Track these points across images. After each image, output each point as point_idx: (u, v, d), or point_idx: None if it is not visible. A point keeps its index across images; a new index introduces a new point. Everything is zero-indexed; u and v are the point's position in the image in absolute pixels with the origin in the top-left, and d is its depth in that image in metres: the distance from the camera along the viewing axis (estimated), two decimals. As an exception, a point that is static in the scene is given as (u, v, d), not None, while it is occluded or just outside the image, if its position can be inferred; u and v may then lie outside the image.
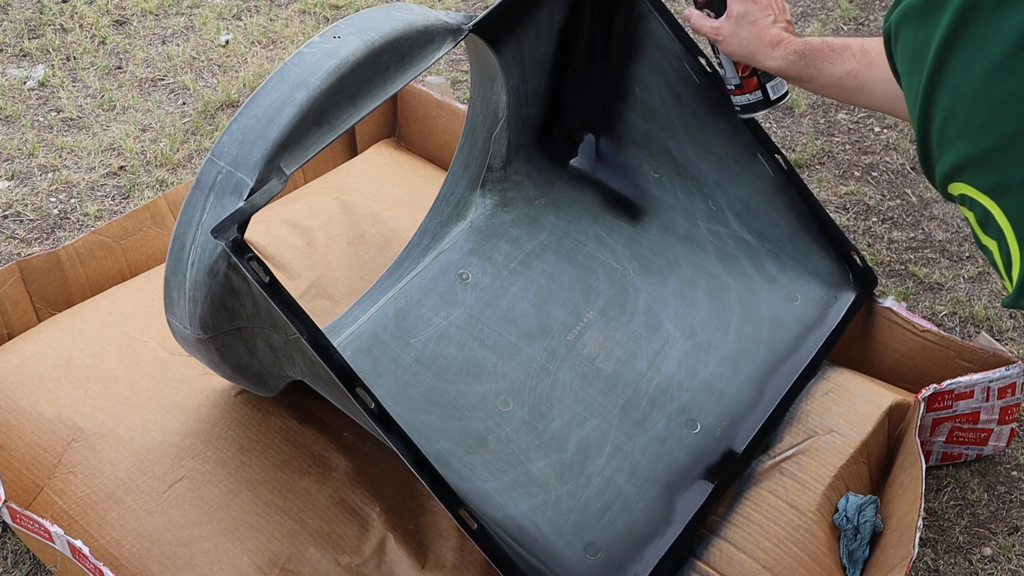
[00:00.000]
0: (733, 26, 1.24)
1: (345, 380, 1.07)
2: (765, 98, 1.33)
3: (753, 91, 1.34)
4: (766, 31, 1.20)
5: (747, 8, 1.22)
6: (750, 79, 1.34)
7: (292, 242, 1.69)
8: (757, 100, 1.33)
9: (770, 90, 1.33)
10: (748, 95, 1.34)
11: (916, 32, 0.75)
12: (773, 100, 1.33)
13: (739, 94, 1.36)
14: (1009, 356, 1.46)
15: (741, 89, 1.35)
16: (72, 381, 1.45)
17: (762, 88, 1.33)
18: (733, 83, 1.35)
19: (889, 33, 0.80)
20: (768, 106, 1.34)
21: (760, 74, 1.33)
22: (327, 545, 1.28)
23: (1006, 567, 1.45)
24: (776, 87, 1.34)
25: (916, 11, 0.75)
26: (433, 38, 1.26)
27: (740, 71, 1.34)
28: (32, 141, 2.25)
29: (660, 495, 1.33)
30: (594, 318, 1.52)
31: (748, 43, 1.21)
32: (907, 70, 0.78)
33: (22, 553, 1.46)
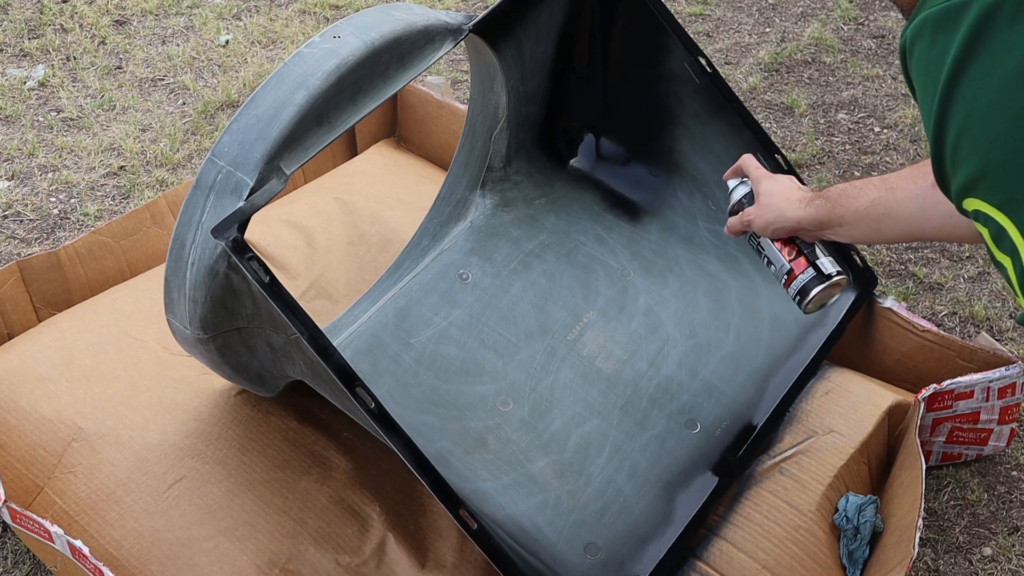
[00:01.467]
0: (761, 202, 1.27)
1: (345, 380, 1.07)
2: (819, 274, 1.28)
3: (804, 271, 1.29)
4: (791, 192, 1.24)
5: (771, 184, 1.26)
6: (798, 259, 1.29)
7: (292, 242, 1.69)
8: (811, 277, 1.27)
9: (821, 266, 1.28)
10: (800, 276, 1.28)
11: (932, 45, 0.75)
12: (827, 275, 1.27)
13: (792, 280, 1.30)
14: (1009, 356, 1.46)
15: (792, 274, 1.29)
16: (72, 381, 1.45)
17: (813, 265, 1.28)
18: (784, 272, 1.30)
19: (904, 47, 0.80)
20: (824, 281, 1.27)
21: (806, 253, 1.28)
22: (327, 545, 1.28)
23: (1006, 567, 1.45)
24: (827, 264, 1.29)
25: (932, 24, 0.75)
26: (433, 38, 1.26)
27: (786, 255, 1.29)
28: (32, 141, 2.25)
29: (660, 495, 1.33)
30: (594, 318, 1.52)
31: (776, 206, 1.23)
32: (922, 84, 0.77)
33: (22, 553, 1.46)
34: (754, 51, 2.64)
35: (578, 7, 1.50)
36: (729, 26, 2.76)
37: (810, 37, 2.68)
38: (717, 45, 2.67)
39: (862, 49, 2.63)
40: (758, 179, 1.27)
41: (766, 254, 1.32)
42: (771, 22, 2.78)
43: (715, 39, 2.70)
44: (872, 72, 2.52)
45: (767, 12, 2.82)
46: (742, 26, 2.76)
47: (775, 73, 2.55)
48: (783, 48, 2.64)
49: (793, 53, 2.61)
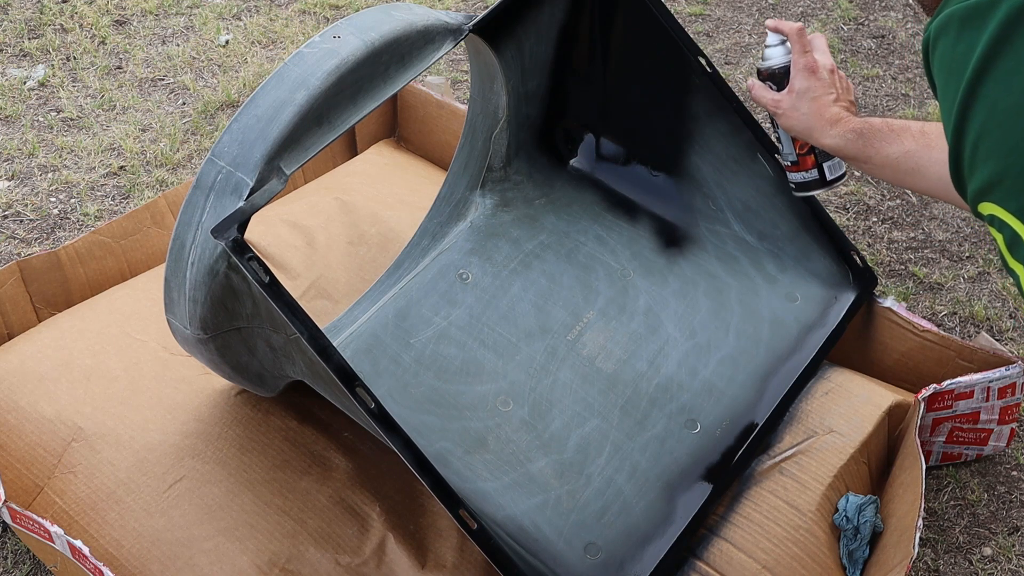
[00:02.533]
0: (794, 100, 1.21)
1: (345, 380, 1.07)
2: (821, 177, 1.28)
3: (809, 169, 1.28)
4: (826, 108, 1.18)
5: (809, 84, 1.20)
6: (807, 156, 1.29)
7: (292, 242, 1.69)
8: (812, 179, 1.28)
9: (827, 170, 1.28)
10: (804, 173, 1.28)
11: (956, 42, 0.73)
12: (829, 180, 1.28)
13: (795, 171, 1.31)
14: (1009, 356, 1.46)
15: (797, 166, 1.29)
16: (72, 381, 1.45)
17: (819, 167, 1.27)
18: (790, 159, 1.30)
19: (928, 42, 0.78)
20: (824, 186, 1.28)
21: (818, 152, 1.27)
22: (327, 545, 1.28)
23: (1006, 567, 1.45)
24: (833, 167, 1.29)
25: (958, 20, 0.73)
26: (433, 38, 1.26)
27: (797, 148, 1.28)
28: (32, 141, 2.25)
29: (660, 495, 1.33)
30: (594, 318, 1.52)
31: (807, 119, 1.18)
32: (943, 81, 0.76)
33: (22, 553, 1.46)
34: (754, 51, 2.64)
35: (578, 7, 1.50)
36: (729, 26, 2.76)
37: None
38: (717, 45, 2.68)
39: (862, 49, 2.63)
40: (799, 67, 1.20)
41: (779, 133, 1.31)
42: (771, 22, 2.78)
43: (715, 39, 2.70)
44: (872, 72, 2.52)
45: (767, 12, 2.82)
46: (742, 26, 2.76)
47: (775, 73, 2.54)
48: (783, 48, 2.63)
49: (793, 53, 2.61)
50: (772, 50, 1.30)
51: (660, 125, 1.59)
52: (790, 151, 1.30)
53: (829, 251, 1.55)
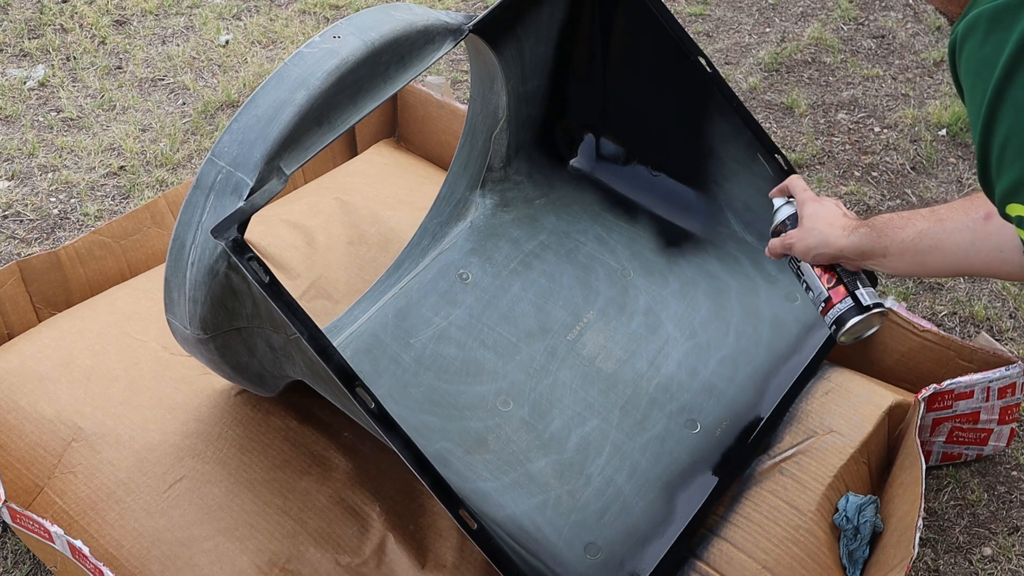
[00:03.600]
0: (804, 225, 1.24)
1: (345, 380, 1.07)
2: (856, 304, 1.25)
3: (843, 299, 1.27)
4: (836, 218, 1.21)
5: (815, 208, 1.23)
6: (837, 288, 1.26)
7: (292, 242, 1.69)
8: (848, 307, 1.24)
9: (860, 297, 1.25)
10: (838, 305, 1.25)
11: (984, 43, 0.73)
12: (865, 306, 1.25)
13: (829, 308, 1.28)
14: (1009, 356, 1.46)
15: (830, 302, 1.26)
16: (72, 381, 1.45)
17: (851, 295, 1.25)
18: (822, 299, 1.27)
19: (954, 44, 0.77)
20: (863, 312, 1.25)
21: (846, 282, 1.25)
22: (327, 545, 1.28)
23: (1006, 567, 1.45)
24: (867, 295, 1.26)
25: (986, 21, 0.72)
26: (433, 38, 1.26)
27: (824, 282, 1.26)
28: (32, 141, 2.25)
29: (660, 495, 1.33)
30: (594, 318, 1.52)
31: (820, 232, 1.20)
32: (971, 84, 0.75)
33: (22, 553, 1.46)
34: (754, 51, 2.64)
35: (578, 7, 1.50)
36: (729, 26, 2.76)
37: (810, 37, 2.68)
38: (717, 45, 2.67)
39: (862, 49, 2.63)
40: (803, 201, 1.24)
41: (805, 279, 1.30)
42: (771, 22, 2.78)
43: (715, 39, 2.70)
44: (872, 72, 2.52)
45: (767, 12, 2.82)
46: (742, 26, 2.76)
47: (775, 73, 2.55)
48: (783, 48, 2.64)
49: (793, 53, 2.61)
50: (779, 210, 1.33)
51: (660, 125, 1.59)
52: (820, 290, 1.28)
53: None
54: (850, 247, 1.18)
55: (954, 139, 2.28)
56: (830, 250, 1.21)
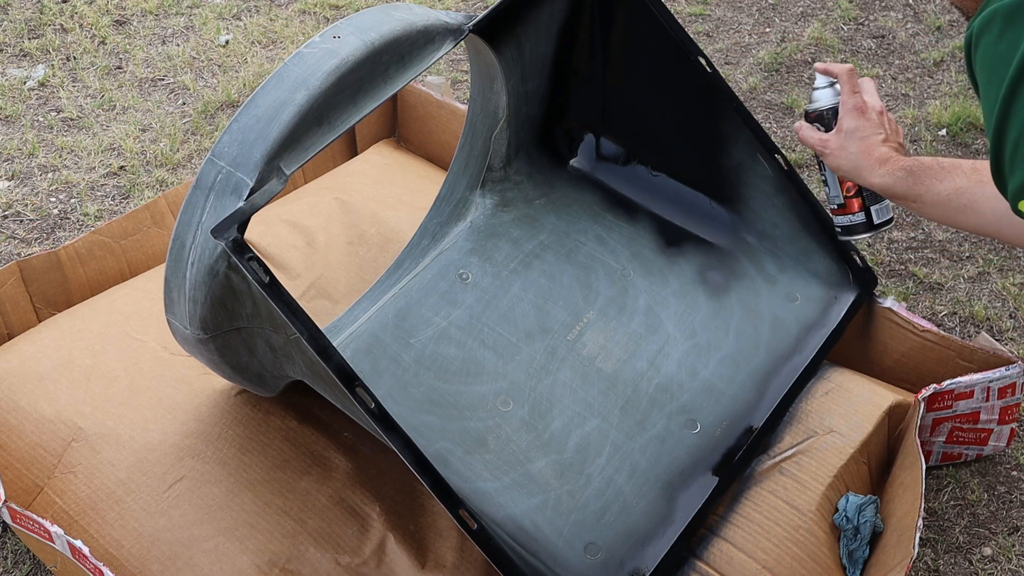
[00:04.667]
0: (842, 140, 1.19)
1: (345, 380, 1.07)
2: (868, 221, 1.26)
3: (856, 212, 1.25)
4: (875, 148, 1.16)
5: (858, 124, 1.18)
6: (853, 199, 1.27)
7: (292, 242, 1.69)
8: (859, 223, 1.26)
9: (874, 213, 1.26)
10: (850, 216, 1.27)
11: (1000, 38, 0.72)
12: (876, 224, 1.26)
13: (841, 214, 1.29)
14: (1009, 356, 1.46)
15: (844, 209, 1.28)
16: (72, 381, 1.45)
17: (866, 210, 1.26)
18: (836, 202, 1.28)
19: (970, 39, 0.77)
20: (871, 230, 1.27)
21: (865, 195, 1.25)
22: (327, 545, 1.28)
23: (1006, 567, 1.45)
24: (880, 211, 1.27)
25: (1002, 17, 0.72)
26: (433, 38, 1.26)
27: (844, 190, 1.27)
28: (32, 141, 2.25)
29: (660, 495, 1.33)
30: (594, 318, 1.52)
31: (855, 158, 1.17)
32: (986, 79, 0.75)
33: (22, 553, 1.46)
34: (754, 51, 2.64)
35: (578, 7, 1.50)
36: (729, 26, 2.76)
37: (810, 37, 2.68)
38: (717, 45, 2.68)
39: (862, 49, 2.63)
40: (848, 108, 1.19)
41: (825, 175, 1.28)
42: (771, 22, 2.78)
43: (715, 39, 2.70)
44: (872, 72, 2.52)
45: (767, 12, 2.82)
46: (742, 26, 2.76)
47: (775, 73, 2.55)
48: (783, 48, 2.64)
49: (793, 53, 2.61)
50: (820, 92, 1.29)
51: (660, 125, 1.59)
52: (836, 193, 1.27)
53: (829, 251, 1.55)
54: (881, 186, 1.15)
55: (954, 139, 2.28)
56: (860, 180, 1.18)
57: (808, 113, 1.30)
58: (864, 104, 1.21)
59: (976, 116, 2.29)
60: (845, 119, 1.20)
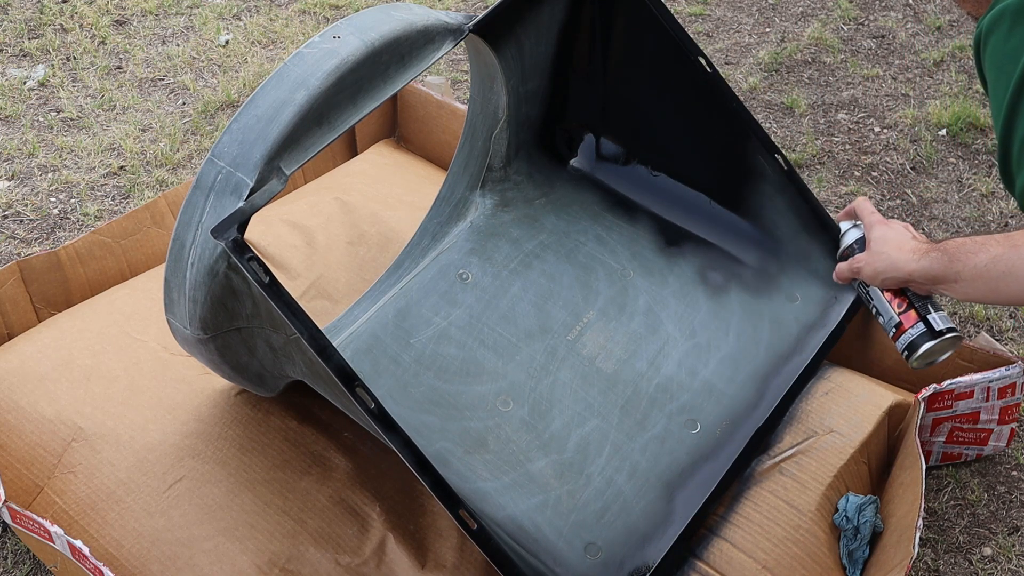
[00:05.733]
0: (872, 249, 1.22)
1: (345, 380, 1.07)
2: (929, 329, 1.23)
3: (914, 325, 1.24)
4: (905, 242, 1.18)
5: (883, 231, 1.21)
6: (908, 313, 1.25)
7: (292, 242, 1.69)
8: (920, 333, 1.23)
9: (932, 321, 1.24)
10: (910, 331, 1.25)
11: (1008, 36, 0.72)
12: (939, 331, 1.23)
13: (901, 334, 1.27)
14: (1009, 356, 1.46)
15: (901, 327, 1.25)
16: (72, 381, 1.45)
17: (923, 320, 1.24)
18: (893, 325, 1.26)
19: (979, 37, 0.77)
20: (935, 339, 1.23)
21: (917, 307, 1.24)
22: (327, 545, 1.28)
23: (1006, 567, 1.45)
24: (940, 319, 1.24)
25: (1011, 14, 0.72)
26: (433, 38, 1.26)
27: (895, 307, 1.25)
28: (32, 141, 2.25)
29: (660, 495, 1.33)
30: (594, 318, 1.52)
31: (888, 256, 1.18)
32: (994, 77, 0.75)
33: (22, 553, 1.46)
34: (754, 51, 2.64)
35: (578, 7, 1.50)
36: (729, 26, 2.76)
37: (810, 37, 2.68)
38: (717, 45, 2.68)
39: (862, 49, 2.63)
40: (871, 224, 1.22)
41: (874, 304, 1.27)
42: (771, 22, 2.78)
43: (715, 39, 2.70)
44: (872, 72, 2.52)
45: (767, 12, 2.82)
46: (742, 26, 2.76)
47: (775, 73, 2.55)
48: (783, 48, 2.64)
49: (793, 53, 2.61)
50: (847, 234, 1.32)
51: (660, 125, 1.59)
52: (890, 316, 1.25)
53: (829, 251, 1.55)
54: (920, 272, 1.15)
55: (954, 139, 2.28)
56: (899, 274, 1.18)
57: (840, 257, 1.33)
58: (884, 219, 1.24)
59: (976, 116, 2.29)
60: (872, 233, 1.23)
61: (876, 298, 1.27)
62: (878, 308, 1.27)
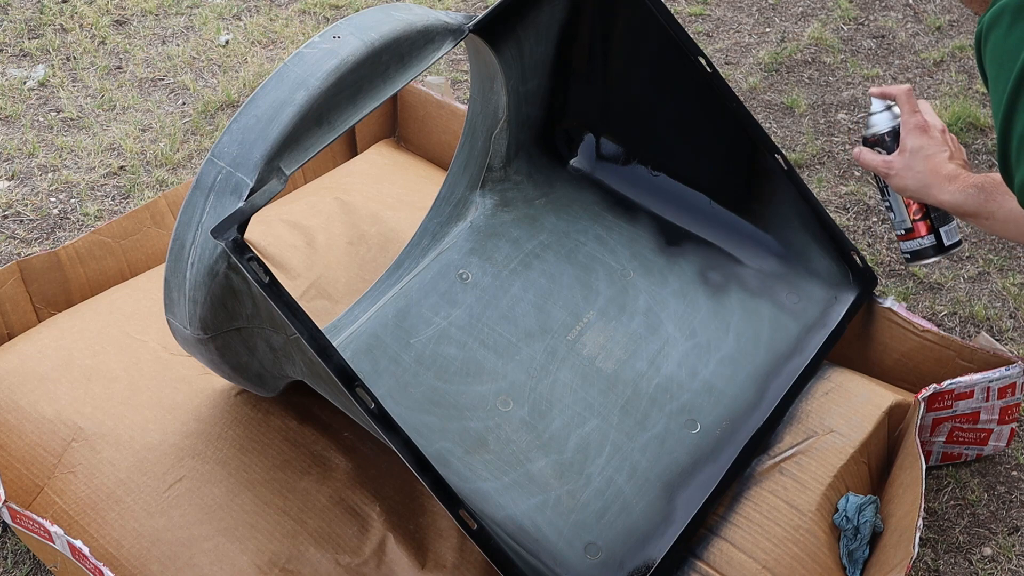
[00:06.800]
0: (907, 159, 1.17)
1: (345, 380, 1.07)
2: (938, 243, 1.22)
3: (925, 235, 1.22)
4: (942, 165, 1.14)
5: (922, 142, 1.16)
6: (921, 222, 1.24)
7: (292, 242, 1.69)
8: (929, 245, 1.22)
9: (943, 235, 1.22)
10: (919, 240, 1.24)
11: (1008, 33, 0.73)
12: (947, 246, 1.22)
13: (908, 239, 1.26)
14: (1009, 356, 1.46)
15: (911, 233, 1.24)
16: (72, 381, 1.45)
17: (935, 232, 1.22)
18: (903, 227, 1.25)
19: (980, 34, 0.77)
20: (941, 253, 1.23)
21: (933, 217, 1.22)
22: (327, 545, 1.28)
23: (1006, 567, 1.45)
24: (950, 233, 1.23)
25: (1011, 11, 0.72)
26: (433, 38, 1.26)
27: (911, 213, 1.23)
28: (32, 141, 2.25)
29: (660, 495, 1.33)
30: (594, 318, 1.52)
31: (923, 176, 1.14)
32: (995, 73, 0.75)
33: (22, 553, 1.46)
34: (754, 51, 2.64)
35: (578, 7, 1.50)
36: (729, 26, 2.76)
37: (810, 37, 2.68)
38: (717, 45, 2.68)
39: (862, 49, 2.63)
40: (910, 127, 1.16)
41: (889, 199, 1.23)
42: (771, 22, 2.78)
43: (715, 39, 2.70)
44: (872, 72, 2.52)
45: (767, 12, 2.82)
46: (742, 26, 2.76)
47: (775, 73, 2.55)
48: (783, 48, 2.64)
49: (793, 53, 2.61)
50: (878, 116, 1.26)
51: (660, 125, 1.59)
52: (903, 218, 1.23)
53: (829, 251, 1.55)
54: (952, 204, 1.11)
55: (954, 139, 2.28)
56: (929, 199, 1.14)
57: (867, 138, 1.26)
58: (926, 123, 1.18)
59: (976, 116, 2.29)
60: (908, 138, 1.17)
61: (892, 196, 1.25)
62: (892, 204, 1.24)
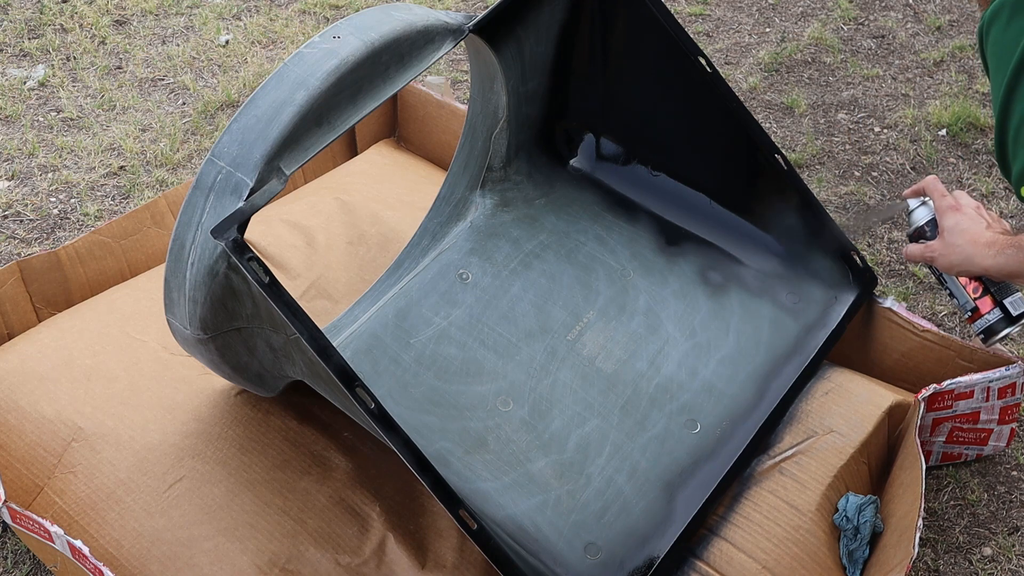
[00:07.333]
0: (946, 239, 1.21)
1: (345, 380, 1.07)
2: (1005, 315, 1.25)
3: (990, 311, 1.25)
4: (980, 235, 1.17)
5: (956, 219, 1.20)
6: (983, 299, 1.26)
7: (292, 242, 1.69)
8: (997, 319, 1.24)
9: (1009, 307, 1.25)
10: (986, 316, 1.26)
11: (1007, 27, 0.74)
12: (1015, 316, 1.24)
13: (977, 318, 1.28)
14: (1009, 356, 1.46)
15: (977, 313, 1.27)
16: (72, 381, 1.45)
17: (999, 305, 1.25)
18: (968, 309, 1.27)
19: (982, 28, 0.79)
20: (1012, 324, 1.24)
21: (993, 292, 1.25)
22: (327, 545, 1.28)
23: (1006, 567, 1.45)
24: (1016, 303, 1.25)
25: (1011, 6, 0.74)
26: (433, 38, 1.26)
27: (971, 292, 1.26)
28: (32, 141, 2.25)
29: (660, 495, 1.33)
30: (594, 318, 1.52)
31: (962, 249, 1.17)
32: (994, 66, 0.77)
33: (22, 553, 1.46)
34: (754, 51, 2.64)
35: (578, 7, 1.50)
36: (729, 26, 2.76)
37: (810, 37, 2.68)
38: (717, 45, 2.68)
39: (862, 49, 2.63)
40: (943, 210, 1.21)
41: (948, 287, 1.27)
42: (771, 22, 2.78)
43: (715, 39, 2.70)
44: (872, 72, 2.52)
45: (767, 12, 2.82)
46: (742, 26, 2.76)
47: (775, 73, 2.55)
48: (783, 48, 2.64)
49: (793, 53, 2.61)
50: (915, 212, 1.30)
51: (660, 125, 1.59)
52: (965, 300, 1.26)
53: (829, 251, 1.55)
54: (996, 268, 1.15)
55: (954, 139, 2.28)
56: (975, 269, 1.17)
57: (910, 236, 1.31)
58: (958, 203, 1.22)
59: (976, 116, 2.29)
60: (943, 220, 1.21)
61: (950, 281, 1.27)
62: (952, 291, 1.28)
